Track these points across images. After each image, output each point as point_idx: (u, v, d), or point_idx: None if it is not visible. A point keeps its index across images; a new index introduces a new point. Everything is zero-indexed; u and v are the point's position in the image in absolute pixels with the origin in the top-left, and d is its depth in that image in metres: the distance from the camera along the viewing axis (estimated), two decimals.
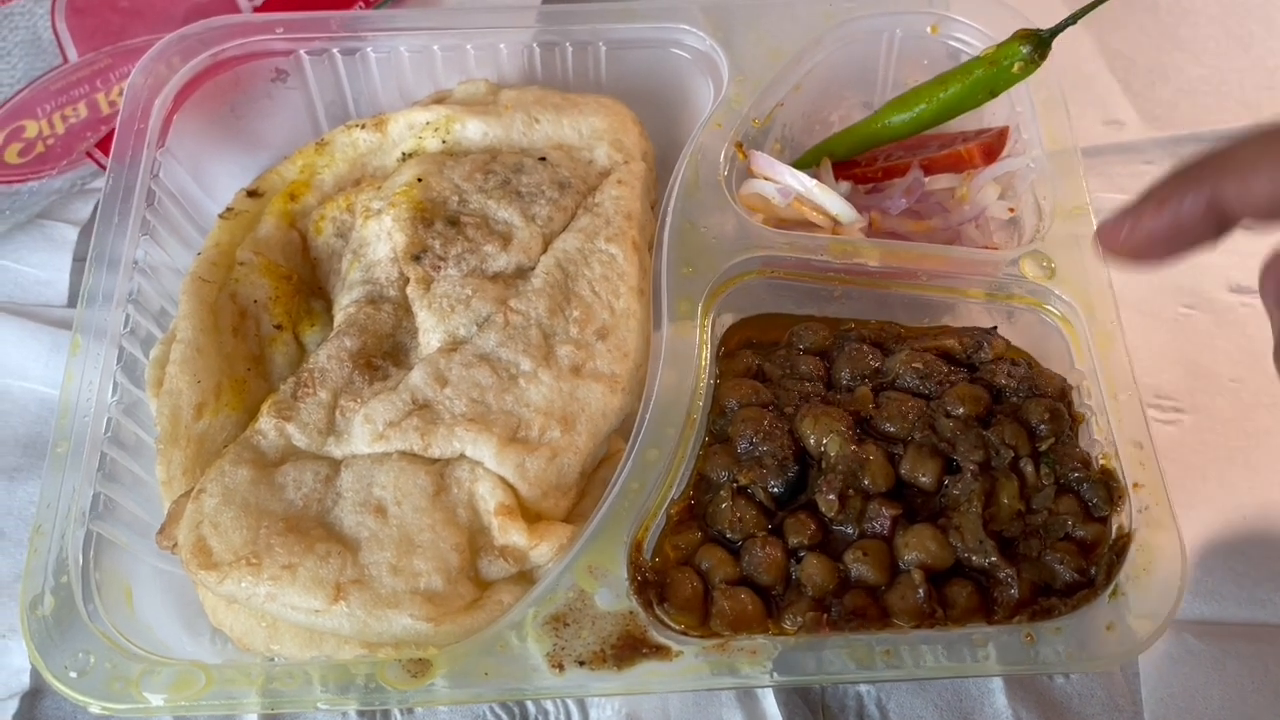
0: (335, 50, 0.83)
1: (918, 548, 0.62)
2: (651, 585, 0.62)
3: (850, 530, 0.64)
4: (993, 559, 0.62)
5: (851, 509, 0.63)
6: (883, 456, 0.65)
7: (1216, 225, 0.52)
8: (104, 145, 0.88)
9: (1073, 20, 0.72)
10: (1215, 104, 0.96)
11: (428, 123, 0.80)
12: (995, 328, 0.71)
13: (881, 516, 0.63)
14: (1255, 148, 0.50)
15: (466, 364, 0.68)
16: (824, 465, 0.65)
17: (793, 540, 0.63)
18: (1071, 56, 0.98)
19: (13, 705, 0.68)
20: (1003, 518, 0.64)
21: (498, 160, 0.78)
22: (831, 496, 0.63)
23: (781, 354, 0.71)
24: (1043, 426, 0.66)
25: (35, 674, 0.69)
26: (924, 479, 0.64)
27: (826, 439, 0.65)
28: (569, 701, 0.68)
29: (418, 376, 0.67)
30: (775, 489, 0.64)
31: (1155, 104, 0.96)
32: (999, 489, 0.64)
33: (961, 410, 0.66)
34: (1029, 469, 0.65)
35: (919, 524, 0.63)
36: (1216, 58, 0.98)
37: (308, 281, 0.77)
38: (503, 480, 0.65)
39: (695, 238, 0.73)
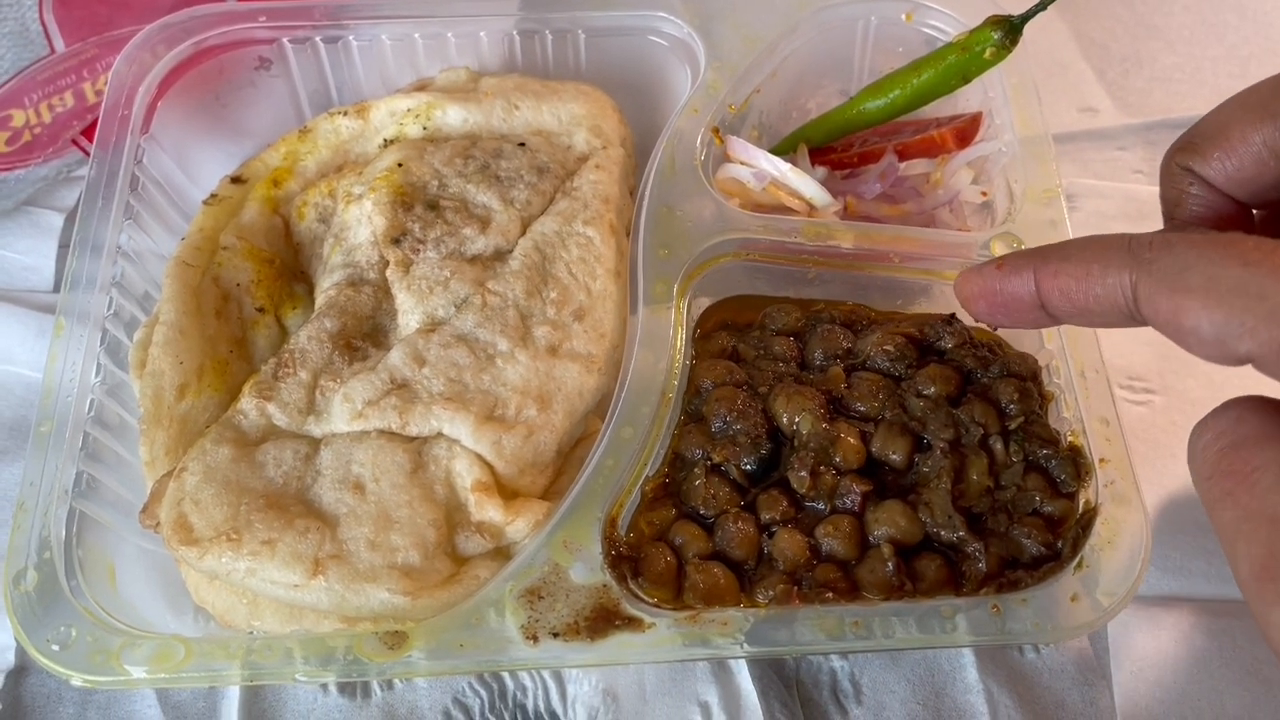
0: (318, 38, 0.84)
1: (887, 523, 0.63)
2: (626, 560, 0.63)
3: (822, 506, 0.65)
4: (961, 534, 0.63)
5: (823, 486, 0.64)
6: (854, 434, 0.66)
7: (1037, 306, 0.52)
8: (89, 133, 0.89)
9: (1043, 6, 0.73)
10: (1189, 91, 0.97)
11: (409, 109, 0.81)
12: (954, 315, 0.72)
13: (853, 493, 0.64)
14: (1076, 245, 0.50)
15: (444, 344, 0.69)
16: (796, 443, 0.66)
17: (765, 516, 0.64)
18: (1047, 44, 1.00)
19: None
20: (971, 494, 0.65)
21: (478, 146, 0.79)
22: (803, 473, 0.64)
23: (755, 335, 0.72)
24: (1012, 405, 0.67)
25: (20, 651, 0.70)
26: (895, 456, 0.65)
27: (799, 418, 0.66)
28: (546, 676, 0.69)
29: (396, 356, 0.68)
30: (748, 466, 0.65)
31: (1129, 91, 0.97)
32: (968, 466, 0.65)
33: (932, 390, 0.67)
34: (998, 446, 0.66)
35: (889, 500, 0.64)
36: (1190, 46, 1.00)
37: (290, 265, 0.78)
38: (479, 458, 0.66)
39: (672, 221, 0.74)
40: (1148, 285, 0.44)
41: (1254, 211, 0.54)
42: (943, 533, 0.63)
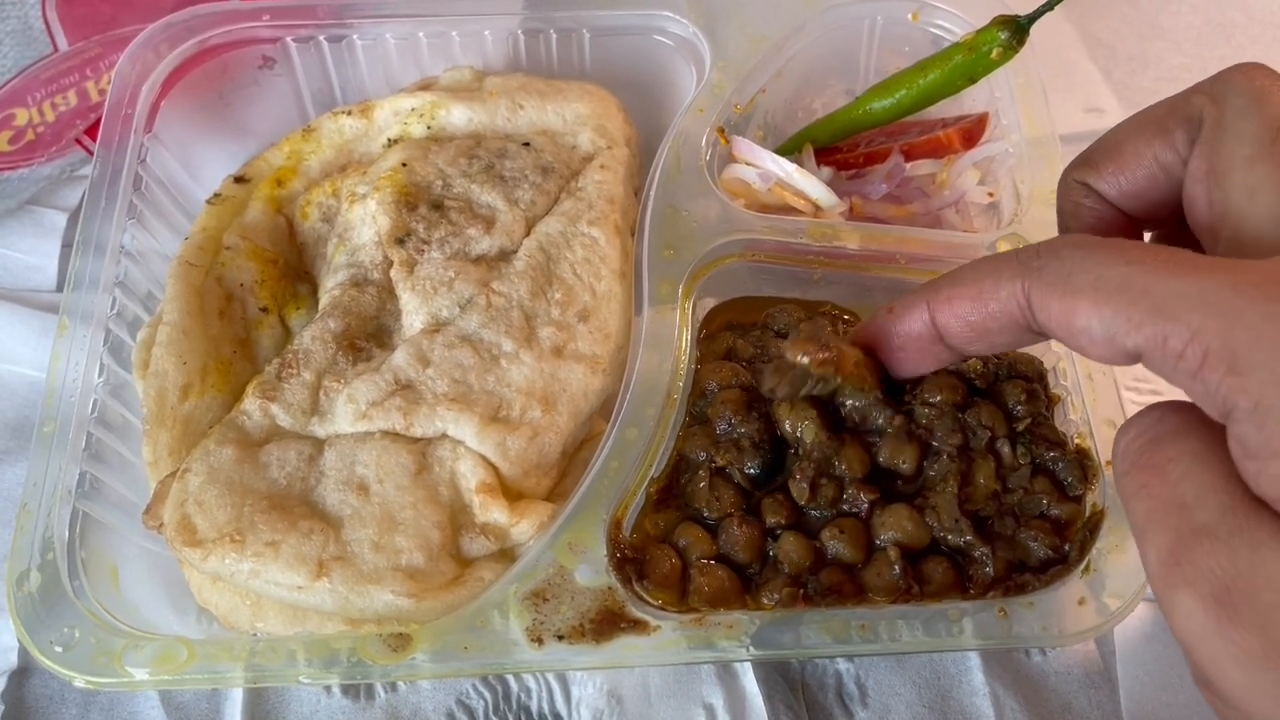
0: (322, 38, 0.84)
1: (894, 527, 0.63)
2: (630, 562, 0.63)
3: (827, 513, 0.64)
4: (968, 538, 0.62)
5: (823, 497, 0.63)
6: (857, 444, 0.65)
7: (936, 341, 0.52)
8: (92, 132, 0.89)
9: (1049, 6, 0.73)
10: None
11: (413, 109, 0.81)
12: None
13: (859, 501, 0.64)
14: (967, 268, 0.51)
15: (449, 345, 0.69)
16: (799, 451, 0.66)
17: (770, 520, 0.64)
18: (1053, 44, 0.99)
19: (0, 683, 0.69)
20: (978, 498, 0.64)
21: (482, 145, 0.78)
22: (804, 485, 0.63)
23: (756, 335, 0.72)
24: (1019, 408, 0.67)
25: (23, 652, 0.69)
26: (904, 465, 0.64)
27: (802, 426, 0.66)
28: (551, 679, 0.69)
29: (400, 357, 0.68)
30: (752, 470, 0.65)
31: (1136, 91, 0.97)
32: (975, 470, 0.65)
33: (939, 397, 0.67)
34: (1005, 450, 0.66)
35: (895, 504, 0.64)
36: (1197, 46, 0.99)
37: (294, 266, 0.78)
38: (484, 459, 0.65)
39: (677, 221, 0.74)
40: (1039, 291, 0.45)
41: (1145, 234, 0.56)
42: (949, 537, 0.63)
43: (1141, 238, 0.54)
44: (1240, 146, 0.46)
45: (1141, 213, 0.53)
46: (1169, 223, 0.53)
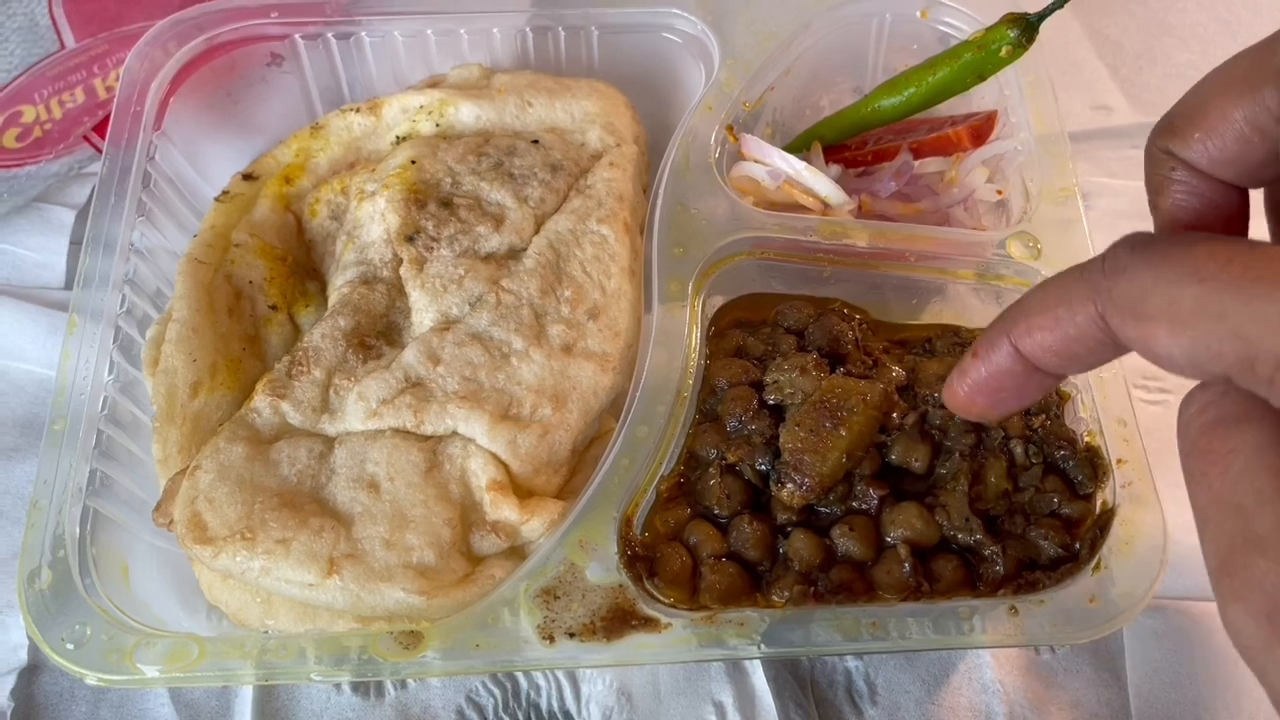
0: (330, 35, 0.84)
1: (903, 525, 0.63)
2: (641, 559, 0.63)
3: (837, 510, 0.64)
4: (978, 536, 0.62)
5: (835, 491, 0.64)
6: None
7: (1032, 371, 0.48)
8: (100, 129, 0.89)
9: (1059, 4, 0.73)
10: None
11: (421, 106, 0.81)
12: (959, 328, 0.72)
13: (869, 497, 0.64)
14: (1037, 294, 0.47)
15: (459, 343, 0.69)
16: None
17: (780, 517, 0.64)
18: (1061, 42, 0.99)
19: (10, 681, 0.69)
20: (989, 496, 0.64)
21: (490, 143, 0.78)
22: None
23: (766, 332, 0.72)
24: (1032, 406, 0.67)
25: (33, 650, 0.70)
26: (916, 464, 0.65)
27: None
28: (560, 676, 0.69)
29: (411, 355, 0.68)
30: (763, 467, 0.65)
31: (1143, 89, 0.96)
32: (987, 469, 0.65)
33: None
34: (1018, 450, 0.66)
35: (905, 502, 0.64)
36: (1204, 43, 0.99)
37: (302, 263, 0.78)
38: (494, 457, 0.65)
39: (686, 219, 0.74)
40: (1114, 316, 0.42)
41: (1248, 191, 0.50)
42: (960, 535, 0.63)
43: (1245, 203, 0.49)
44: None
45: (1241, 179, 0.47)
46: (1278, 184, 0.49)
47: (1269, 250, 0.38)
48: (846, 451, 0.61)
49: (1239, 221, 0.48)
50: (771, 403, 0.66)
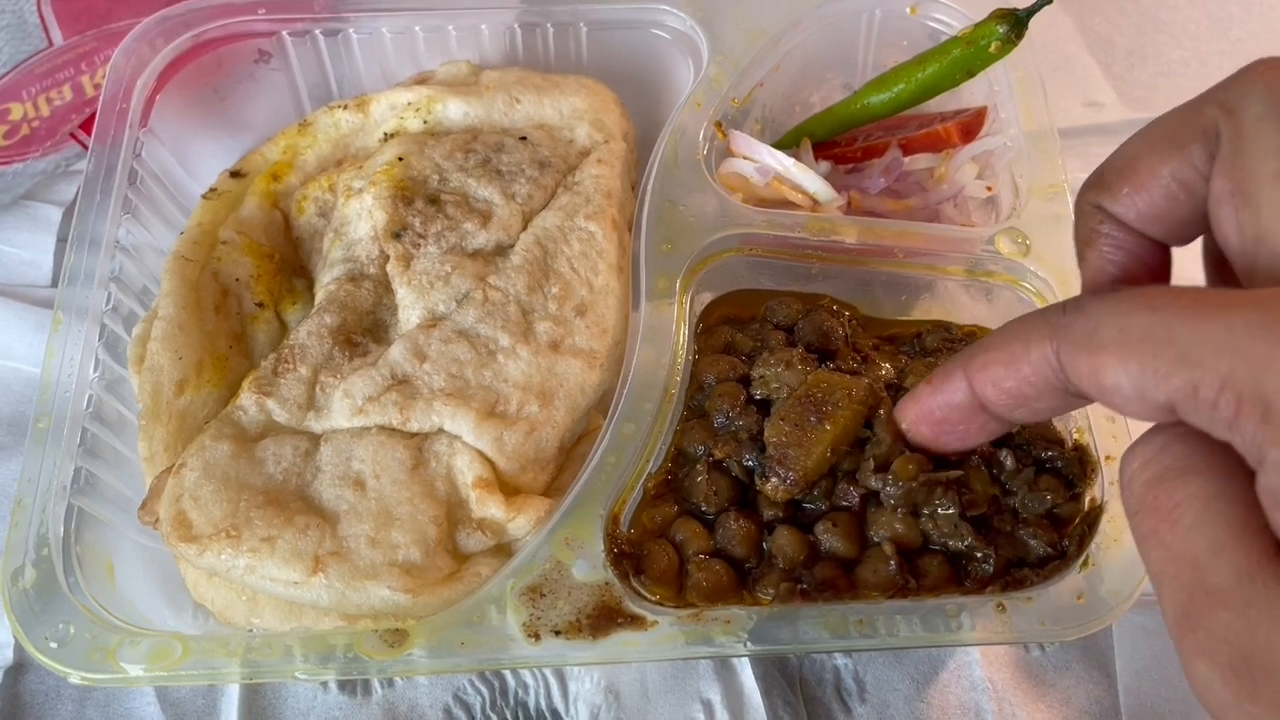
0: (317, 31, 0.84)
1: (885, 527, 0.62)
2: (628, 557, 0.63)
3: (822, 505, 0.64)
4: (969, 541, 0.62)
5: (820, 487, 0.63)
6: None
7: (979, 410, 0.49)
8: (87, 126, 0.89)
9: (1047, 0, 0.73)
10: (1195, 86, 0.94)
11: (409, 103, 0.80)
12: (949, 324, 0.72)
13: (850, 495, 0.63)
14: (998, 332, 0.48)
15: (445, 340, 0.68)
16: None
17: (766, 514, 0.64)
18: (1052, 38, 0.99)
19: None
20: (979, 504, 0.64)
21: (479, 140, 0.78)
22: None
23: (755, 328, 0.72)
24: None
25: (18, 649, 0.69)
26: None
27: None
28: (548, 674, 0.69)
29: (397, 352, 0.68)
30: (749, 463, 0.65)
31: (1134, 86, 0.96)
32: (971, 479, 0.64)
33: None
34: (1009, 462, 0.65)
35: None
36: (1196, 40, 0.99)
37: (290, 260, 0.78)
38: (481, 454, 0.65)
39: (674, 216, 0.74)
40: (1067, 350, 0.42)
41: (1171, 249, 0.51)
42: (949, 543, 0.62)
43: (1168, 260, 0.50)
44: (1265, 161, 0.41)
45: (1167, 235, 0.48)
46: (1208, 239, 0.49)
47: (1220, 289, 0.40)
48: (831, 446, 0.61)
49: (1162, 278, 0.49)
50: (758, 397, 0.66)
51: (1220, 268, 0.46)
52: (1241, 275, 0.43)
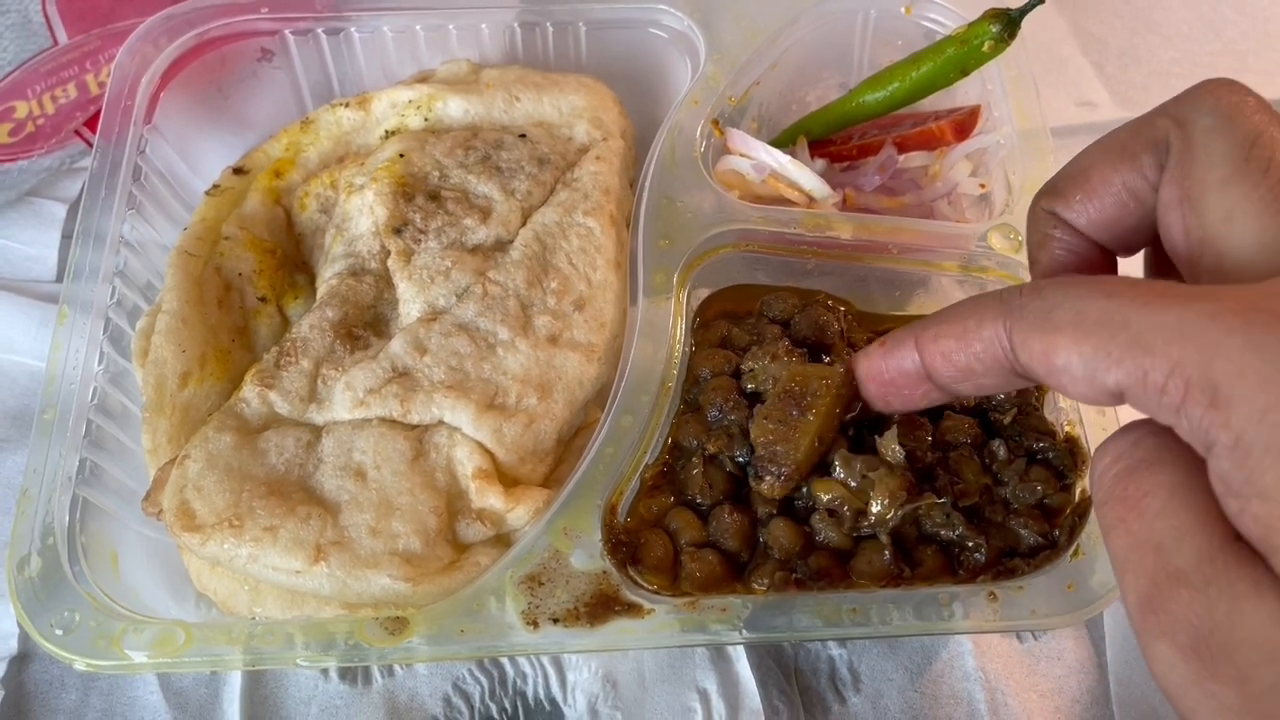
0: (320, 30, 0.85)
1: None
2: (625, 546, 0.64)
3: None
4: (961, 530, 0.63)
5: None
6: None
7: (924, 378, 0.51)
8: (92, 124, 0.89)
9: (1039, 0, 0.74)
10: (1187, 86, 0.97)
11: (410, 101, 0.81)
12: None
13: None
14: (954, 307, 0.49)
15: (446, 333, 0.69)
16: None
17: (761, 510, 0.64)
18: (1045, 38, 1.00)
19: (0, 669, 0.69)
20: (970, 493, 0.65)
21: (479, 137, 0.79)
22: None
23: (751, 323, 0.72)
24: (1005, 400, 0.68)
25: (23, 638, 0.70)
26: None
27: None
28: (546, 663, 0.69)
29: (398, 345, 0.69)
30: (741, 458, 0.65)
31: (1127, 86, 0.97)
32: (962, 468, 0.65)
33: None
34: (1002, 452, 0.66)
35: None
36: (1189, 41, 1.00)
37: (292, 256, 0.79)
38: (480, 445, 0.66)
39: (672, 212, 0.75)
40: (1020, 330, 0.44)
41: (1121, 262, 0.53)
42: (942, 533, 0.63)
43: (1115, 267, 0.52)
44: (1211, 169, 0.43)
45: (1115, 243, 0.51)
46: (1151, 252, 0.51)
47: (1171, 282, 0.41)
48: (817, 435, 0.62)
49: None
50: (750, 391, 0.67)
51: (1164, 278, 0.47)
52: (1187, 277, 0.45)
